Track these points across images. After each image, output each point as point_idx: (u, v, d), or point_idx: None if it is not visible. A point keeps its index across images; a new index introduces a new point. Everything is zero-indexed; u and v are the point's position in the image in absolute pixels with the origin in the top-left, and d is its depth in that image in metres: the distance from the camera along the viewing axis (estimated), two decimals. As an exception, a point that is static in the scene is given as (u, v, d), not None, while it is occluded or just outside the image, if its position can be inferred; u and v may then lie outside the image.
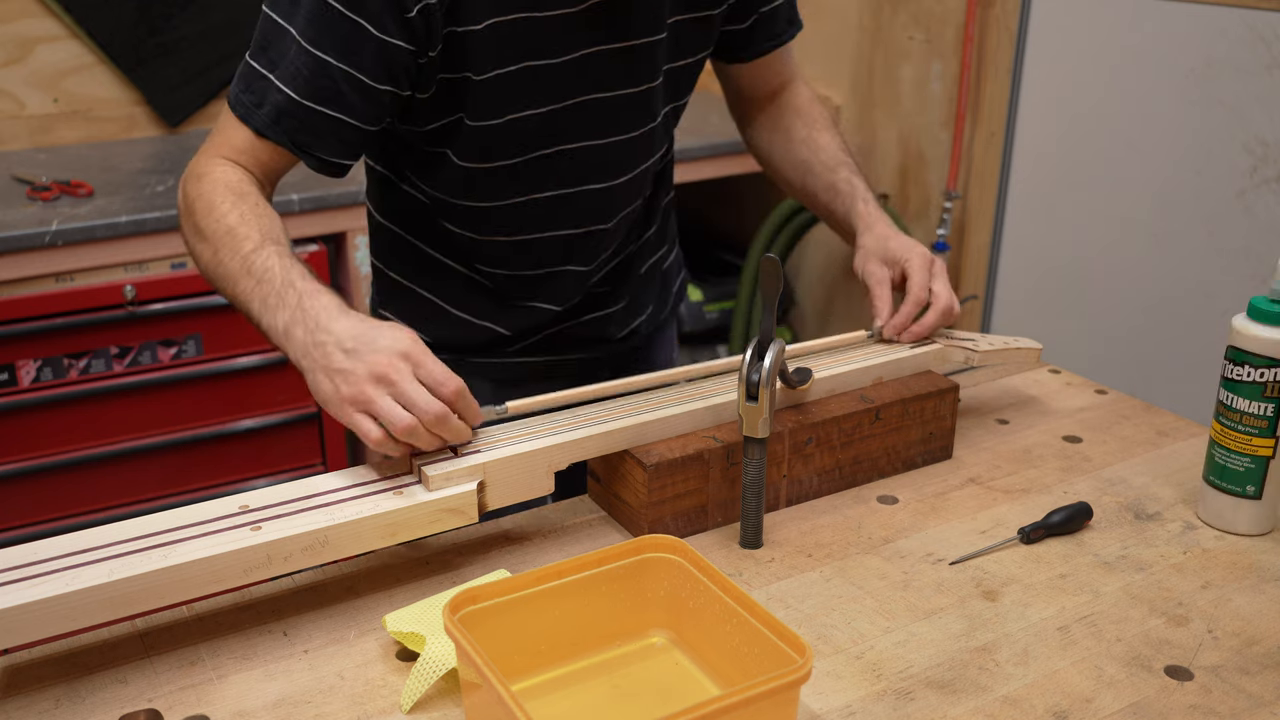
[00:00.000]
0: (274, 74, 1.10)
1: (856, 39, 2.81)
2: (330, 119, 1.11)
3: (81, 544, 0.91)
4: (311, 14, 1.07)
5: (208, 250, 1.09)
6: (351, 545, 0.96)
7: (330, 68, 1.08)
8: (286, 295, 1.02)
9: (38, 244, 2.05)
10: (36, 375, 2.13)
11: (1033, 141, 2.46)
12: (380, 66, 1.09)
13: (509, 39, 1.13)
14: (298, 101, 1.10)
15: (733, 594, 0.87)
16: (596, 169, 1.27)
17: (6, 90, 2.53)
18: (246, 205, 1.10)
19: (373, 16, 1.07)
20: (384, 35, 1.07)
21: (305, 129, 1.11)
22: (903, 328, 1.27)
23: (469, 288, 1.34)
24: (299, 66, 1.09)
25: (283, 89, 1.10)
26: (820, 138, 1.43)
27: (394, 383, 0.95)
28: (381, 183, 1.34)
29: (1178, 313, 2.22)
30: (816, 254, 3.09)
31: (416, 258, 1.35)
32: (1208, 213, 2.14)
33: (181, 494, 2.33)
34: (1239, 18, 2.03)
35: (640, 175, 1.32)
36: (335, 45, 1.08)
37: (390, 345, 0.97)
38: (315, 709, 0.87)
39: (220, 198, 1.10)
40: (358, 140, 1.14)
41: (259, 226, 1.08)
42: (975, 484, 1.21)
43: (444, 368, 0.98)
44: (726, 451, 1.10)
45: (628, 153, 1.28)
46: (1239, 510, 1.11)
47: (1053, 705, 0.88)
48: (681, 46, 1.27)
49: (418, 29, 1.08)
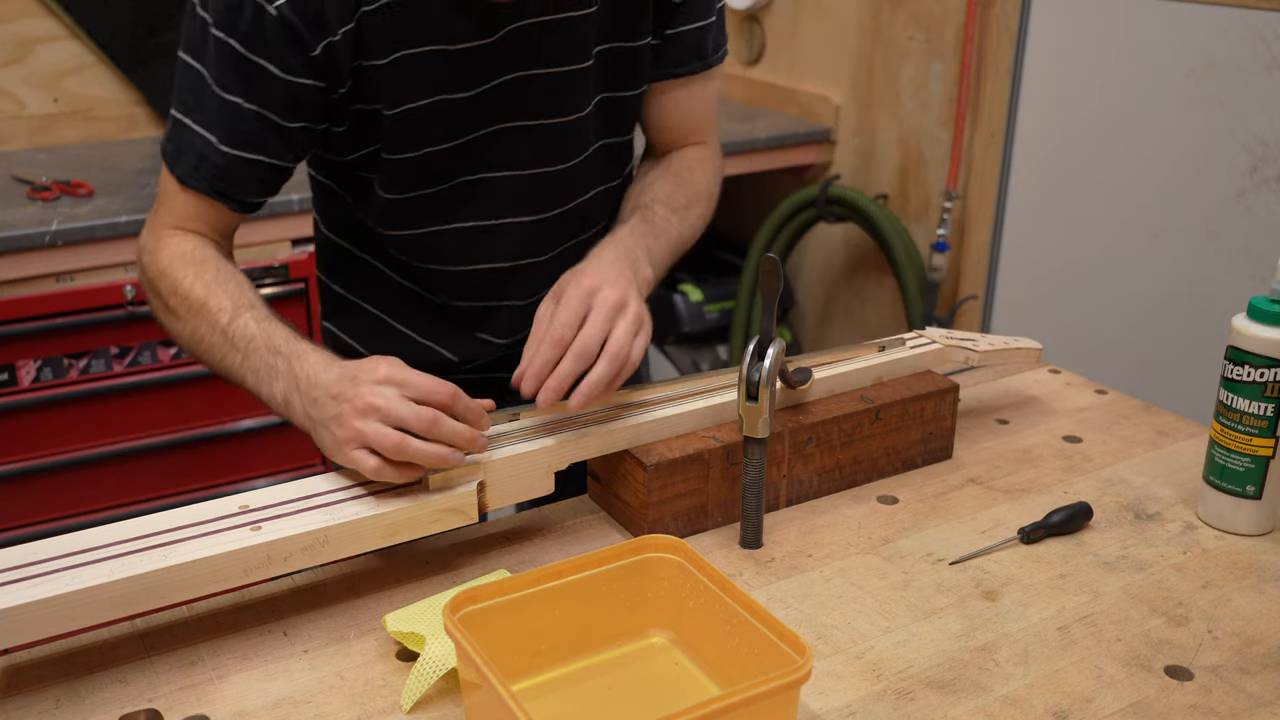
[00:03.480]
0: (190, 119, 1.09)
1: (856, 39, 2.81)
2: (249, 161, 1.09)
3: (81, 544, 0.91)
4: (219, 57, 1.05)
5: (183, 327, 1.08)
6: (351, 545, 0.96)
7: (242, 109, 1.06)
8: (276, 363, 1.01)
9: (38, 244, 2.05)
10: (36, 375, 2.13)
11: (1033, 141, 2.46)
12: (289, 106, 1.07)
13: (418, 72, 1.09)
14: (215, 146, 1.08)
15: (733, 594, 0.87)
16: (525, 201, 1.23)
17: (6, 90, 2.53)
18: (208, 273, 1.08)
19: (275, 57, 1.04)
20: (289, 75, 1.05)
21: (223, 175, 1.09)
22: (538, 379, 1.01)
23: (417, 307, 1.31)
24: (213, 111, 1.07)
25: (201, 133, 1.08)
26: (661, 184, 1.26)
27: (379, 408, 0.93)
28: (326, 194, 1.30)
29: (1178, 313, 2.22)
30: (816, 254, 3.09)
31: (363, 271, 1.31)
32: (1208, 213, 2.14)
33: (181, 494, 2.33)
34: (1239, 18, 2.03)
35: (580, 208, 1.27)
36: (243, 87, 1.06)
37: (369, 376, 0.95)
38: (315, 709, 0.87)
39: (180, 272, 1.09)
40: (277, 178, 1.13)
41: (228, 294, 1.07)
42: (975, 484, 1.20)
43: (431, 379, 0.96)
44: (726, 451, 1.10)
45: (560, 185, 1.23)
46: (1239, 510, 1.11)
47: (1053, 705, 0.88)
48: (613, 77, 1.21)
49: (323, 66, 1.06)
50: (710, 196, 1.31)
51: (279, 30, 1.03)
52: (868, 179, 2.87)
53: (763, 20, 3.07)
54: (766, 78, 3.10)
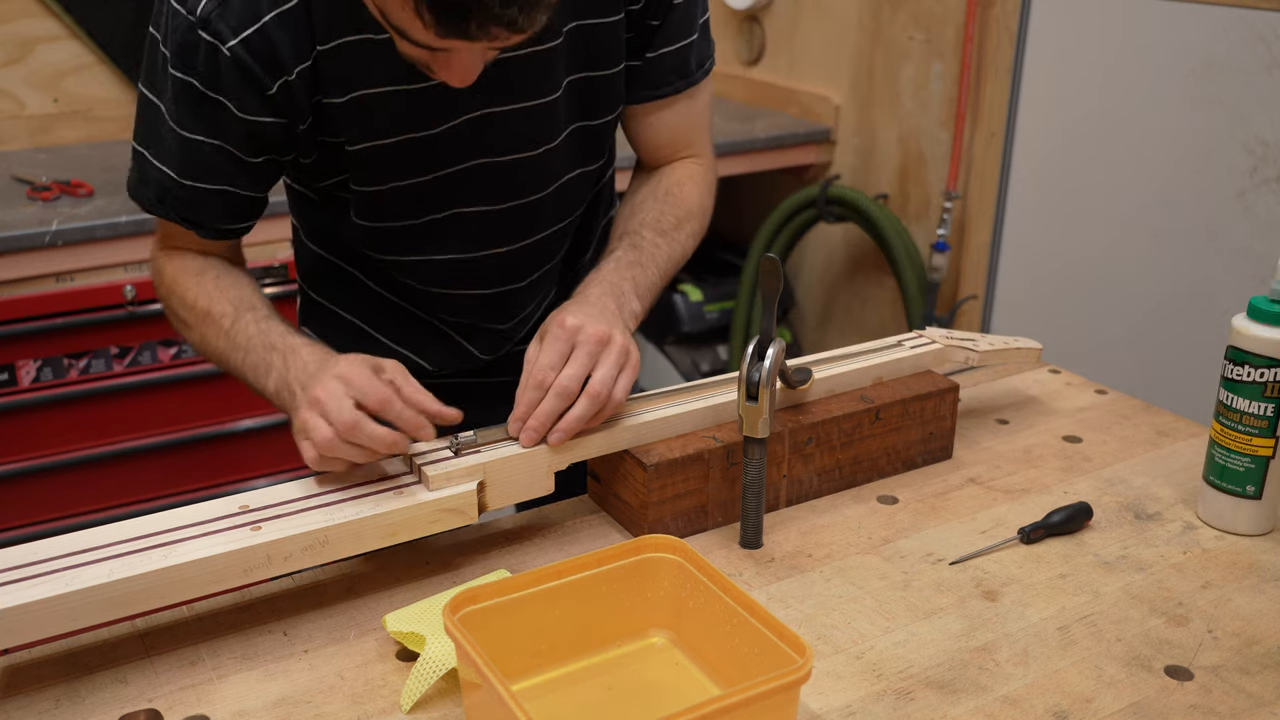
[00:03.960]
0: (150, 151, 1.09)
1: (856, 39, 2.81)
2: (212, 191, 1.09)
3: (81, 544, 0.91)
4: (177, 93, 1.04)
5: (195, 335, 1.14)
6: (351, 545, 0.96)
7: (202, 145, 1.06)
8: (271, 359, 1.05)
9: (38, 244, 2.05)
10: (36, 375, 2.13)
11: (1033, 141, 2.46)
12: (250, 142, 1.07)
13: (377, 111, 1.08)
14: (175, 179, 1.09)
15: (733, 594, 0.87)
16: (499, 233, 1.22)
17: (6, 90, 2.53)
18: (209, 282, 1.13)
19: (232, 96, 1.03)
20: (247, 115, 1.04)
21: (189, 205, 1.10)
22: (522, 422, 1.03)
23: (397, 318, 1.30)
24: (171, 144, 1.07)
25: (160, 167, 1.09)
26: (649, 206, 1.25)
27: (321, 402, 0.95)
28: (302, 203, 1.30)
29: (1178, 313, 2.22)
30: (816, 254, 3.09)
31: (342, 280, 1.31)
32: (1208, 213, 2.14)
33: (181, 494, 2.33)
34: (1239, 18, 2.03)
35: (552, 236, 1.26)
36: (202, 123, 1.05)
37: (329, 372, 0.98)
38: (315, 709, 0.87)
39: (184, 286, 1.14)
40: (246, 206, 1.14)
41: (229, 299, 1.11)
42: (975, 484, 1.20)
43: (374, 383, 0.97)
44: (726, 451, 1.10)
45: (531, 216, 1.22)
46: (1239, 510, 1.11)
47: (1053, 705, 0.88)
48: (586, 106, 1.19)
49: (281, 104, 1.05)
50: (703, 212, 1.29)
51: (234, 70, 1.02)
52: (868, 179, 2.87)
53: (763, 20, 3.07)
54: (766, 78, 3.10)
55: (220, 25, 1.00)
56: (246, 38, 1.01)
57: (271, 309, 1.12)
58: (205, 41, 1.01)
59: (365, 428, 0.95)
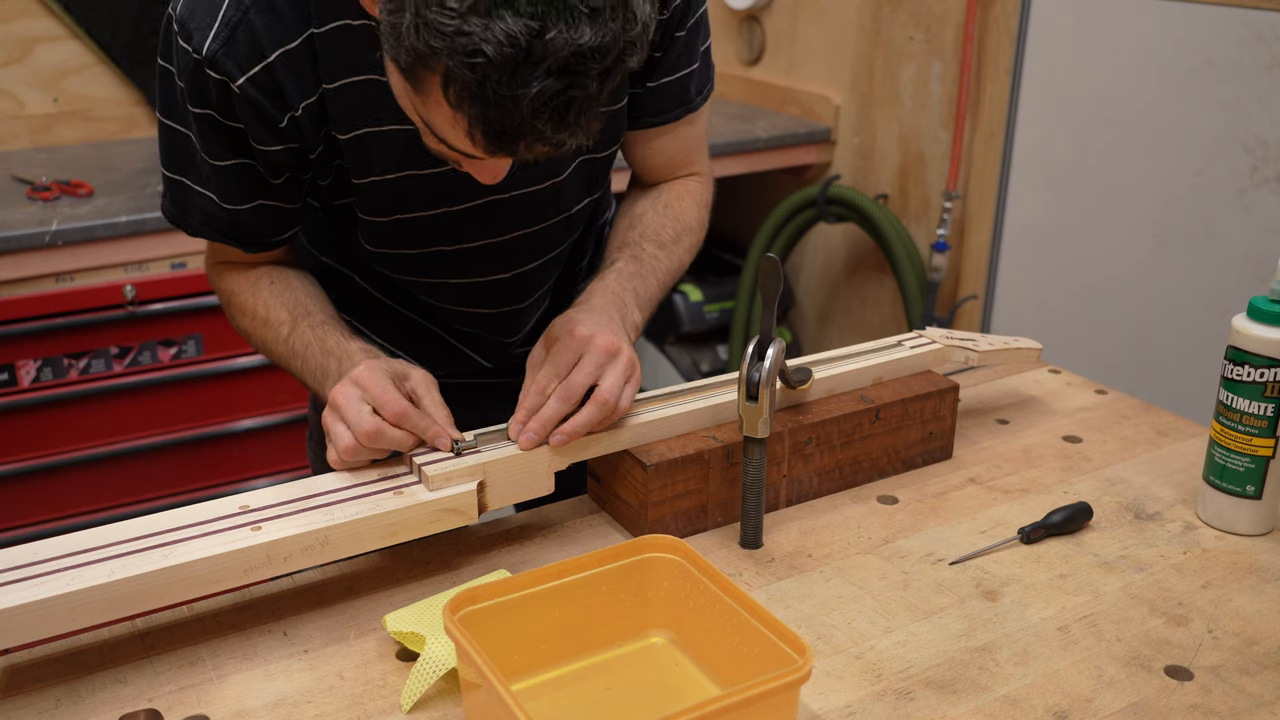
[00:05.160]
0: (189, 179, 1.12)
1: (856, 39, 2.81)
2: (251, 210, 1.12)
3: (82, 544, 0.91)
4: (201, 127, 1.07)
5: (258, 342, 1.19)
6: (351, 545, 0.96)
7: (235, 168, 1.09)
8: (328, 365, 1.09)
9: (38, 244, 2.05)
10: (36, 375, 2.13)
11: (1033, 141, 2.46)
12: (271, 166, 1.10)
13: (382, 149, 1.10)
14: (217, 203, 1.11)
15: (733, 594, 0.87)
16: (505, 260, 1.23)
17: (6, 90, 2.53)
18: (264, 290, 1.17)
19: (249, 126, 1.06)
20: (261, 145, 1.07)
21: (233, 225, 1.13)
22: (520, 424, 1.04)
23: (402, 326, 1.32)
24: (207, 172, 1.10)
25: (203, 192, 1.12)
26: (649, 218, 1.26)
27: (341, 407, 0.99)
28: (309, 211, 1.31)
29: (1178, 313, 2.22)
30: (816, 254, 3.09)
31: (346, 287, 1.31)
32: (1208, 213, 2.14)
33: (181, 494, 2.33)
34: (1239, 18, 2.03)
35: (556, 258, 1.28)
36: (231, 149, 1.08)
37: (348, 374, 1.01)
38: (315, 709, 0.87)
39: (241, 296, 1.19)
40: (286, 218, 1.16)
41: (285, 306, 1.16)
42: (975, 484, 1.21)
43: (391, 393, 0.99)
44: (726, 451, 1.10)
45: (537, 244, 1.24)
46: (1239, 510, 1.11)
47: (1053, 705, 0.88)
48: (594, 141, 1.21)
49: (291, 134, 1.07)
50: (700, 227, 1.30)
51: (245, 105, 1.04)
52: (867, 179, 2.87)
53: (763, 20, 3.07)
54: (766, 78, 3.10)
55: (228, 64, 1.02)
56: (253, 76, 1.03)
57: (329, 311, 1.16)
58: (214, 79, 1.03)
59: (386, 435, 0.99)
